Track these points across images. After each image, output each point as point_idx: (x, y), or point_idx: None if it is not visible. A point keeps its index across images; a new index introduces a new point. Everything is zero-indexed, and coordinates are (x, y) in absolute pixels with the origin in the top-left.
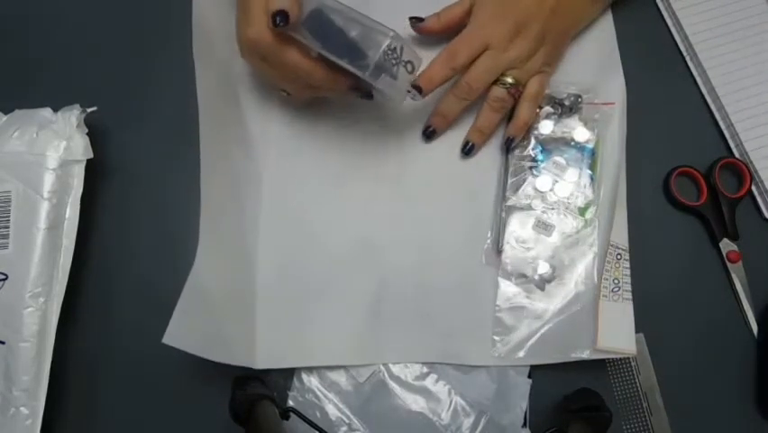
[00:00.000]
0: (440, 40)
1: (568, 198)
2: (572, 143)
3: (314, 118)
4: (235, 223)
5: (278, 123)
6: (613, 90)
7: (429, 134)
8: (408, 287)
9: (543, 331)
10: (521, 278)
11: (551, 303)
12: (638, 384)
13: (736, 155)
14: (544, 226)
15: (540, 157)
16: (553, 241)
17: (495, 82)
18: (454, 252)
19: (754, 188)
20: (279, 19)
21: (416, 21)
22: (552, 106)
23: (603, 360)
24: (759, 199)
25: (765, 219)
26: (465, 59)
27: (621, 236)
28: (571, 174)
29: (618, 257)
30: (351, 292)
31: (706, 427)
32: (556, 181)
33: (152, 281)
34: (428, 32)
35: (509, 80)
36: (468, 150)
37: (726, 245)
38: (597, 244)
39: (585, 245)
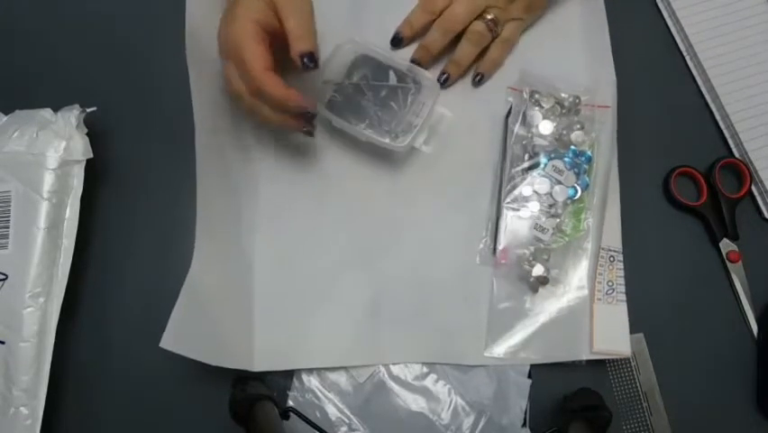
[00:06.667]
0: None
1: (564, 202)
2: (571, 147)
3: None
4: (232, 226)
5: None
6: (607, 93)
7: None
8: (405, 287)
9: (538, 332)
10: (516, 279)
11: (546, 305)
12: (638, 384)
13: (736, 155)
14: (539, 228)
15: (538, 159)
16: (549, 243)
17: (476, 18)
18: (450, 252)
19: (753, 188)
20: (308, 60)
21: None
22: (551, 107)
23: (603, 360)
24: (759, 199)
25: (765, 219)
26: (443, 2)
27: (614, 239)
28: (569, 178)
29: (611, 259)
30: (348, 293)
31: (706, 427)
32: (554, 184)
33: (152, 281)
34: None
35: (489, 16)
36: (443, 81)
37: (726, 245)
38: (591, 247)
39: (579, 248)
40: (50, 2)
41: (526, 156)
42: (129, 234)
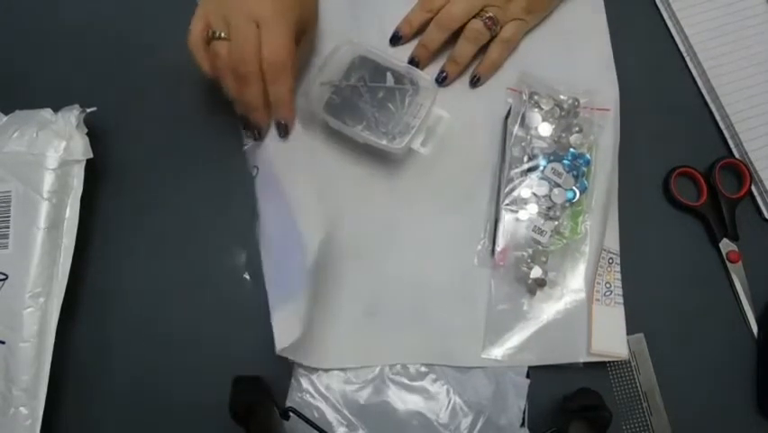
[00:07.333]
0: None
1: (563, 204)
2: (570, 149)
3: (310, 123)
4: None
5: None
6: (608, 97)
7: (414, 66)
8: (404, 288)
9: (535, 334)
10: (514, 281)
11: (543, 307)
12: (638, 384)
13: (736, 155)
14: (538, 231)
15: (537, 162)
16: (547, 245)
17: (474, 16)
18: (448, 253)
19: (753, 188)
20: (284, 129)
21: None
22: (550, 109)
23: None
24: (759, 199)
25: (765, 219)
26: (442, 0)
27: (613, 241)
28: (568, 180)
29: (610, 261)
30: (346, 294)
31: (706, 427)
32: (552, 187)
33: (152, 281)
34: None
35: (488, 14)
36: (442, 79)
37: (726, 245)
38: (588, 249)
39: (577, 251)
40: (50, 2)
41: (525, 158)
42: (129, 234)
